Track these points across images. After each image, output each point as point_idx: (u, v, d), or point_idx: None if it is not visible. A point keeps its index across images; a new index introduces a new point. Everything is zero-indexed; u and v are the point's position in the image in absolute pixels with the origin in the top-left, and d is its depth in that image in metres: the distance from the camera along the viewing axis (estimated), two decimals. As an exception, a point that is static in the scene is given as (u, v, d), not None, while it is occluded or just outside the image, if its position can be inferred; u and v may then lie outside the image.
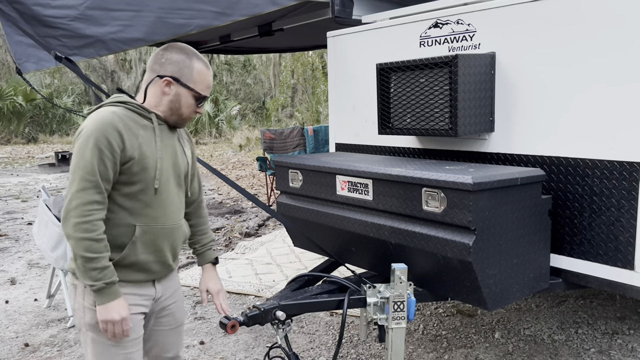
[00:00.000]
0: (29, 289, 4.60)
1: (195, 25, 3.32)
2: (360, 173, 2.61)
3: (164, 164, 1.86)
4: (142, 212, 1.81)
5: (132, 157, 1.76)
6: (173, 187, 1.92)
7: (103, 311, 1.73)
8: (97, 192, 1.71)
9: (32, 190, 9.93)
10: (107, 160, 1.71)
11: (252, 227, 6.49)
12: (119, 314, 1.74)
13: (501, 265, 2.29)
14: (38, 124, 21.23)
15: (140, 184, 1.79)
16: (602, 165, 2.37)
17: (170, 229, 1.90)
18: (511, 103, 2.67)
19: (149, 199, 1.82)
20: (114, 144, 1.72)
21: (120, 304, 1.75)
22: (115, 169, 1.74)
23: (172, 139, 1.95)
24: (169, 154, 1.90)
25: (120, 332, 1.76)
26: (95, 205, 1.70)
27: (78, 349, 3.43)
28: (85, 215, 1.68)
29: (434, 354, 3.25)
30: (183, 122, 1.94)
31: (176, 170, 1.93)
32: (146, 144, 1.81)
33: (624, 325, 3.56)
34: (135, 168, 1.77)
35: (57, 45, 3.57)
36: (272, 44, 6.00)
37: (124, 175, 1.77)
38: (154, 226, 1.84)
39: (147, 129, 1.84)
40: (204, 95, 1.90)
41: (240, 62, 24.31)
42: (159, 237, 1.86)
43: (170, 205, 1.89)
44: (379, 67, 2.90)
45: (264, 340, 3.47)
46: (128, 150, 1.75)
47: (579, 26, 2.37)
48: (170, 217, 1.89)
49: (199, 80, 1.87)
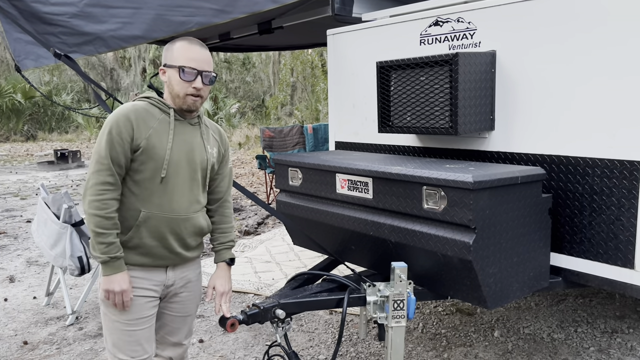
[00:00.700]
0: (28, 286, 4.59)
1: (195, 22, 3.31)
2: (360, 171, 2.60)
3: (173, 156, 1.96)
4: (149, 199, 1.94)
5: (140, 146, 1.90)
6: (184, 180, 2.00)
7: (106, 281, 1.91)
8: (109, 174, 1.88)
9: (31, 188, 9.92)
10: (118, 146, 1.88)
11: (252, 226, 6.48)
12: (119, 286, 1.90)
13: (501, 263, 2.29)
14: (37, 122, 21.21)
15: (147, 172, 1.93)
16: (602, 164, 2.37)
17: (176, 219, 1.98)
18: (511, 101, 2.66)
19: (155, 188, 1.94)
20: (124, 132, 1.88)
21: (122, 278, 1.91)
22: (127, 155, 1.90)
23: (192, 135, 2.04)
24: (184, 148, 2.00)
25: (121, 303, 1.92)
26: (107, 186, 1.87)
27: (77, 346, 3.42)
28: (97, 194, 1.86)
29: (434, 352, 3.25)
30: (186, 104, 1.98)
31: (191, 165, 2.01)
32: (157, 135, 1.94)
33: (623, 324, 3.56)
34: (143, 157, 1.91)
35: (56, 43, 3.55)
36: (272, 42, 5.99)
37: (134, 163, 1.92)
38: (157, 214, 1.95)
39: (163, 122, 1.97)
40: (188, 67, 1.93)
41: (240, 60, 24.28)
42: (162, 224, 1.96)
43: (177, 196, 1.98)
44: (379, 65, 2.90)
45: (263, 339, 3.47)
46: (137, 139, 1.90)
47: (580, 23, 2.37)
48: (177, 207, 1.98)
49: (179, 56, 1.95)
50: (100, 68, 22.36)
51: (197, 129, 2.07)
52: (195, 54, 1.96)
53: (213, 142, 2.13)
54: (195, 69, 1.95)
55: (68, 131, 21.16)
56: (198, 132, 2.07)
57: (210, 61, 2.02)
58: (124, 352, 1.99)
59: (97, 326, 3.72)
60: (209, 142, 2.10)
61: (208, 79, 1.99)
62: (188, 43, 1.98)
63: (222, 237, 2.21)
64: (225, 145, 2.21)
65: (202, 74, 1.97)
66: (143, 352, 2.01)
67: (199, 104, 2.01)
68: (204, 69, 1.97)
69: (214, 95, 20.41)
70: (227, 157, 2.22)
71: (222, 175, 2.20)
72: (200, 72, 1.96)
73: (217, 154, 2.14)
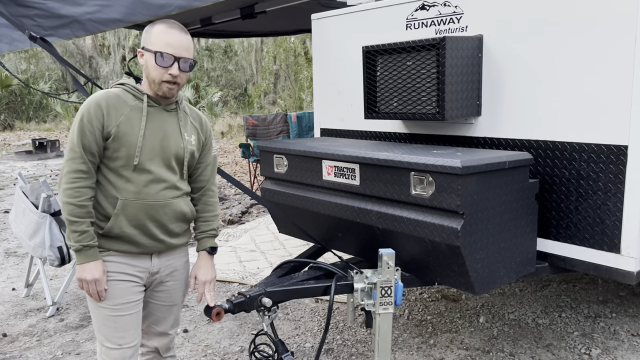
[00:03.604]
0: (7, 278, 4.49)
1: (176, 5, 3.22)
2: (346, 157, 2.57)
3: (146, 143, 1.93)
4: (124, 186, 1.92)
5: (111, 133, 1.88)
6: (158, 167, 1.96)
7: (80, 270, 1.90)
8: (82, 162, 1.87)
9: (9, 178, 9.70)
10: (89, 133, 1.86)
11: (236, 215, 6.42)
12: (91, 275, 1.88)
13: (489, 249, 2.28)
14: (14, 111, 20.74)
15: (121, 159, 1.91)
16: (589, 148, 2.36)
17: (154, 205, 1.95)
18: (498, 87, 2.64)
19: (129, 175, 1.92)
20: (94, 120, 1.87)
21: (95, 267, 1.89)
22: (98, 143, 1.88)
23: (167, 122, 1.99)
24: (158, 135, 1.96)
25: (95, 291, 1.91)
26: (79, 174, 1.86)
27: (58, 338, 3.35)
28: (70, 182, 1.86)
29: (420, 338, 3.25)
30: (161, 90, 1.93)
31: (166, 152, 1.97)
32: (128, 122, 1.91)
33: (606, 309, 3.60)
34: (115, 144, 1.89)
35: (31, 26, 3.43)
36: (255, 28, 5.90)
37: (108, 150, 1.90)
38: (134, 201, 1.92)
39: (135, 109, 1.94)
40: (165, 53, 1.88)
41: (222, 48, 23.99)
42: (139, 211, 1.93)
43: (152, 183, 1.95)
44: (365, 50, 2.85)
45: (248, 328, 3.44)
46: (108, 126, 1.88)
47: (567, 9, 2.35)
48: (152, 193, 1.95)
49: (156, 40, 1.90)
50: (78, 56, 21.90)
51: (174, 116, 2.02)
52: (173, 39, 1.89)
53: (191, 129, 2.08)
54: (173, 55, 1.89)
55: (46, 120, 20.75)
56: (175, 118, 2.02)
57: (190, 47, 1.95)
58: (110, 340, 1.96)
59: (78, 317, 3.65)
60: (187, 129, 2.05)
61: (187, 65, 1.93)
62: (167, 27, 1.91)
63: (204, 226, 2.16)
64: (207, 133, 2.15)
65: (180, 60, 1.90)
66: (131, 338, 1.98)
67: (175, 91, 1.95)
68: (181, 55, 1.90)
69: (196, 84, 20.15)
70: (209, 145, 2.16)
71: (204, 163, 2.15)
72: (178, 58, 1.90)
73: (197, 141, 2.08)
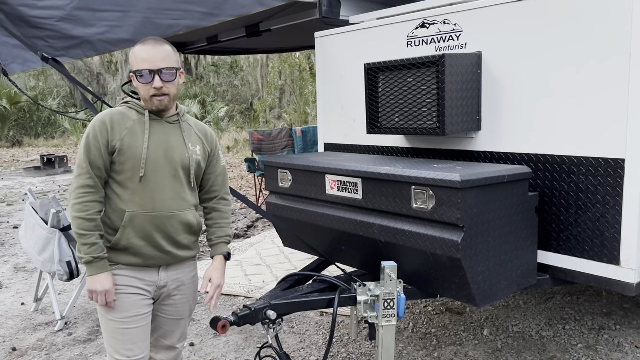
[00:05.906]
0: (16, 292, 4.55)
1: (183, 25, 3.31)
2: (349, 172, 2.62)
3: (151, 155, 1.98)
4: (131, 199, 1.98)
5: (116, 148, 1.96)
6: (165, 178, 2.01)
7: (90, 282, 1.95)
8: (89, 177, 1.94)
9: (18, 194, 9.81)
10: (95, 149, 1.95)
11: (241, 229, 6.47)
12: (101, 286, 1.93)
13: (489, 262, 2.32)
14: (23, 127, 20.98)
15: (127, 172, 1.97)
16: (587, 162, 2.41)
17: (160, 217, 1.99)
18: (498, 102, 2.70)
19: (136, 187, 1.98)
20: (99, 136, 1.95)
21: (105, 278, 1.95)
22: (104, 158, 1.96)
23: (170, 134, 2.04)
24: (161, 146, 2.01)
25: (104, 302, 1.95)
26: (87, 189, 1.94)
27: (66, 352, 3.40)
28: (79, 197, 1.93)
29: (424, 351, 3.27)
30: (153, 105, 2.00)
31: (171, 163, 2.02)
32: (132, 135, 1.98)
33: (610, 321, 3.61)
34: (121, 157, 1.96)
35: (43, 46, 3.53)
36: (260, 45, 6.00)
37: (114, 165, 1.98)
38: (140, 213, 1.98)
39: (138, 122, 2.01)
40: (142, 70, 1.93)
41: (228, 63, 24.24)
42: (147, 223, 1.98)
43: (159, 194, 1.99)
44: (367, 67, 2.92)
45: (254, 341, 3.47)
46: (113, 141, 1.96)
47: (565, 26, 2.41)
48: (159, 205, 1.99)
49: (133, 61, 1.98)
50: (87, 73, 22.19)
51: (177, 127, 2.07)
52: (145, 54, 1.93)
53: (196, 140, 2.12)
54: (149, 70, 1.93)
55: (54, 136, 20.96)
56: (178, 130, 2.07)
57: (168, 56, 1.96)
58: (119, 352, 2.00)
59: (86, 331, 3.69)
60: (191, 139, 2.10)
61: (169, 75, 1.95)
62: (141, 45, 1.97)
63: (220, 232, 2.21)
64: (212, 144, 2.19)
65: (160, 72, 1.93)
66: (139, 351, 2.02)
67: (166, 102, 1.99)
68: (158, 67, 1.93)
69: (202, 99, 20.33)
70: (216, 155, 2.20)
71: (214, 174, 2.20)
72: (156, 71, 1.93)
73: (202, 151, 2.12)
